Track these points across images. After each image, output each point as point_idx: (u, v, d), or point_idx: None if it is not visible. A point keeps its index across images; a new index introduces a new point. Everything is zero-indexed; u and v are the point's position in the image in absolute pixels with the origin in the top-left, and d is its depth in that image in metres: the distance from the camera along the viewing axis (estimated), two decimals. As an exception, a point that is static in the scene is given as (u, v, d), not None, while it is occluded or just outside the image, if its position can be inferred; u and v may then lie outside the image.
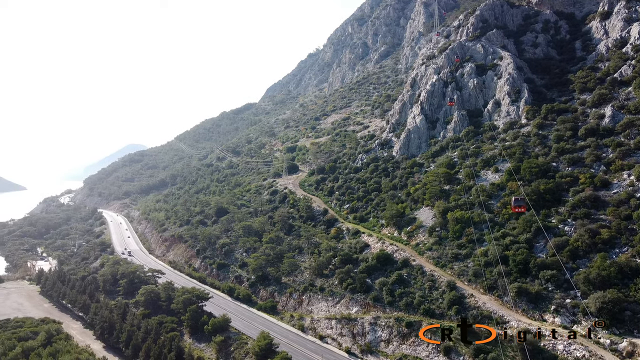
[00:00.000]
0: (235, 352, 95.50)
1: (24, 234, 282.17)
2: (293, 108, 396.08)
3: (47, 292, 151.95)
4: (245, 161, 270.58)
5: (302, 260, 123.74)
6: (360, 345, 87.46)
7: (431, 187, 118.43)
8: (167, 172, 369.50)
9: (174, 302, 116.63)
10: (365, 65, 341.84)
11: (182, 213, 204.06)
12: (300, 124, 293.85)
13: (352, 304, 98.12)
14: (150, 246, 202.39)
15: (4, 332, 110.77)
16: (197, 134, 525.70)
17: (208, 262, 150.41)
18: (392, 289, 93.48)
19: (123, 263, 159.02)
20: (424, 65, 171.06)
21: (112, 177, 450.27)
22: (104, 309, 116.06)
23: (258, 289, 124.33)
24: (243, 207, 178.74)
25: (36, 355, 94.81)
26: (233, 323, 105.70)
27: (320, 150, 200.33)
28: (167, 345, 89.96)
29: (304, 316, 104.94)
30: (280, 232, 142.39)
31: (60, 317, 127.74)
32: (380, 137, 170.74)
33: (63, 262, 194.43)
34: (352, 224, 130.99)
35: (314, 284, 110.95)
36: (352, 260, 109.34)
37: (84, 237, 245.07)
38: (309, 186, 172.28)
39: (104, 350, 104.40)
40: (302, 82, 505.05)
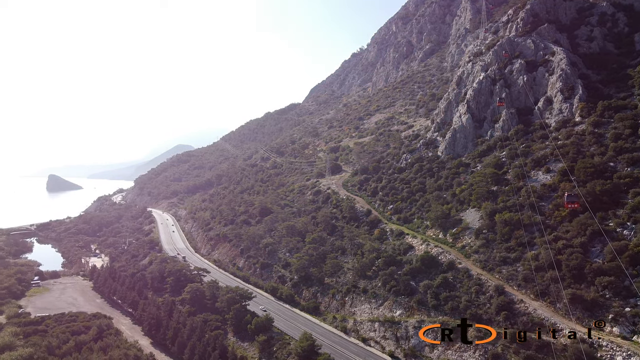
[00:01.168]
0: (277, 352, 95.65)
1: (79, 231, 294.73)
2: (337, 108, 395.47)
3: (99, 288, 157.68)
4: (288, 161, 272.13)
5: (345, 261, 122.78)
6: (404, 349, 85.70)
7: (478, 187, 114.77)
8: (213, 172, 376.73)
9: (218, 300, 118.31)
10: (410, 64, 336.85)
11: (226, 212, 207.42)
12: (343, 124, 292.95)
13: (395, 307, 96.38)
14: (196, 245, 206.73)
15: (59, 326, 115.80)
16: (242, 135, 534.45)
17: (252, 261, 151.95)
18: (437, 292, 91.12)
19: (170, 261, 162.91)
20: (470, 62, 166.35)
21: (161, 177, 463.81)
22: (152, 306, 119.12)
23: (301, 289, 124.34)
24: (286, 207, 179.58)
25: (88, 349, 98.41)
26: (276, 323, 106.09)
27: (363, 150, 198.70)
28: (211, 343, 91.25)
29: (346, 318, 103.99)
30: (323, 233, 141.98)
31: (110, 313, 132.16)
32: (424, 136, 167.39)
33: (114, 259, 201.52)
34: (395, 225, 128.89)
35: (357, 285, 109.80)
36: (395, 262, 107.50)
37: (134, 235, 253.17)
38: (352, 186, 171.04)
39: (151, 346, 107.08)
40: (345, 82, 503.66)
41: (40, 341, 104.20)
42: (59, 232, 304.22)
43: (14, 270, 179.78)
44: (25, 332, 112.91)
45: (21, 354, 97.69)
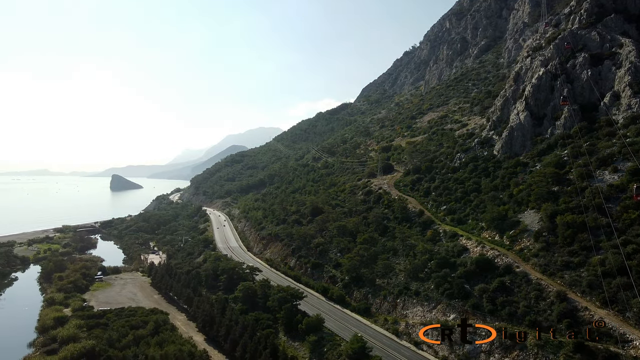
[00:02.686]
0: (328, 352, 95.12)
1: (138, 229, 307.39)
2: (388, 107, 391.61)
3: (156, 284, 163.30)
4: (340, 161, 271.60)
5: (397, 262, 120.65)
6: (458, 355, 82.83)
7: (537, 188, 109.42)
8: (266, 172, 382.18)
9: (269, 299, 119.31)
10: (464, 61, 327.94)
11: (278, 212, 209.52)
12: (395, 123, 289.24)
13: (449, 310, 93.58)
14: (248, 244, 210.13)
15: (119, 320, 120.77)
16: (294, 135, 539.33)
17: (303, 261, 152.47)
18: (493, 297, 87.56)
19: (223, 259, 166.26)
20: (529, 57, 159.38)
21: (215, 177, 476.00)
22: (206, 303, 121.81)
23: (352, 290, 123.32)
24: (337, 207, 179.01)
25: (145, 344, 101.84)
26: (326, 323, 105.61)
27: (416, 150, 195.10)
28: (262, 341, 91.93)
29: (398, 320, 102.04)
30: (374, 233, 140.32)
31: (167, 308, 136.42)
32: (479, 135, 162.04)
33: (171, 256, 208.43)
34: (449, 226, 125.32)
35: (409, 287, 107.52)
36: (449, 264, 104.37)
37: (190, 233, 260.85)
38: (404, 186, 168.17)
39: (205, 343, 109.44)
40: (397, 80, 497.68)
41: (102, 334, 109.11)
42: (120, 230, 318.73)
43: (80, 265, 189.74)
44: (88, 324, 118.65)
45: (84, 345, 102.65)
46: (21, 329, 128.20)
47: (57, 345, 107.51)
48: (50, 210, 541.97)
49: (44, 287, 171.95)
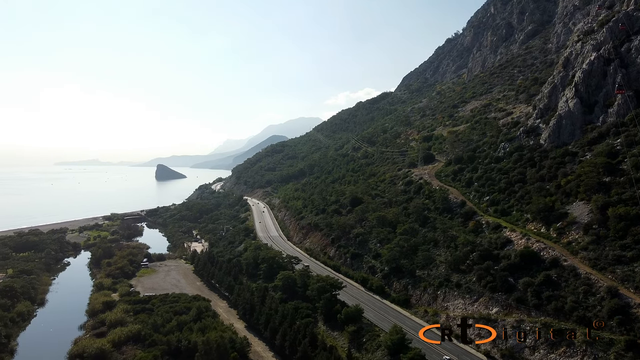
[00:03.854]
0: (367, 343, 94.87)
1: (182, 217, 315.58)
2: (430, 96, 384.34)
3: (199, 272, 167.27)
4: (380, 151, 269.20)
5: (437, 253, 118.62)
6: (500, 349, 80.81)
7: (587, 178, 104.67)
8: (305, 162, 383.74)
9: (309, 289, 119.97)
10: (509, 48, 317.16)
11: (318, 202, 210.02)
12: (437, 112, 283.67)
13: (491, 304, 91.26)
14: (288, 233, 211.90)
15: (163, 306, 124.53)
16: (334, 125, 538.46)
17: (342, 251, 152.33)
18: (539, 291, 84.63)
19: (264, 248, 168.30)
20: (579, 42, 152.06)
21: (256, 167, 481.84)
22: (246, 291, 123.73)
23: (391, 281, 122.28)
24: (377, 197, 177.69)
25: (188, 329, 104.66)
26: (365, 314, 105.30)
27: (458, 139, 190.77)
28: (302, 330, 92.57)
29: (438, 312, 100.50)
30: (414, 224, 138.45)
31: (209, 296, 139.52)
32: (525, 123, 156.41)
33: (213, 244, 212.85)
34: (492, 217, 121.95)
35: (450, 279, 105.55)
36: (492, 257, 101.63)
37: (231, 222, 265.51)
38: (446, 177, 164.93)
39: (245, 330, 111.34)
40: (439, 69, 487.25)
41: (147, 319, 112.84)
42: (165, 218, 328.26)
43: (127, 252, 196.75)
44: (134, 309, 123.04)
45: (131, 329, 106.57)
46: (73, 312, 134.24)
47: (106, 329, 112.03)
48: (99, 198, 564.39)
49: (94, 273, 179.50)
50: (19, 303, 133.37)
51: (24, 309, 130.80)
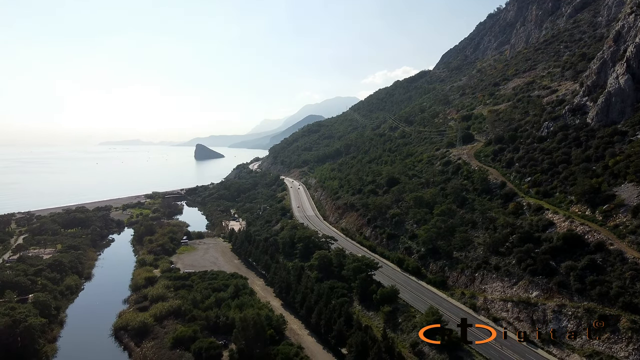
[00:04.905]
0: (402, 324, 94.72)
1: (220, 196, 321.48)
2: (469, 74, 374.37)
3: (236, 250, 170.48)
4: (417, 130, 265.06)
5: (476, 235, 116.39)
6: (540, 333, 79.03)
7: (637, 159, 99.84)
8: (342, 142, 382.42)
9: (344, 268, 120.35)
10: (555, 22, 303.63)
11: (354, 182, 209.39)
12: (477, 91, 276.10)
13: (531, 287, 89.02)
14: (324, 213, 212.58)
15: (202, 282, 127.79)
16: (371, 104, 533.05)
17: (378, 231, 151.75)
18: (582, 275, 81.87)
19: (300, 228, 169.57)
20: (632, 14, 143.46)
21: (293, 147, 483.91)
22: (282, 270, 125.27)
23: (428, 262, 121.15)
24: (414, 178, 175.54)
25: (226, 306, 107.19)
26: (401, 295, 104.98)
27: (498, 118, 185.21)
28: (337, 310, 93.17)
29: (476, 295, 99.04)
30: (452, 205, 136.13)
31: (246, 273, 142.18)
32: (571, 102, 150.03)
33: (250, 223, 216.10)
34: (533, 199, 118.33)
35: (488, 261, 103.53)
36: (532, 239, 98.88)
37: (268, 201, 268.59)
38: (485, 157, 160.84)
39: (281, 308, 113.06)
40: (480, 45, 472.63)
41: (187, 295, 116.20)
42: (203, 197, 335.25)
43: (167, 229, 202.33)
44: (175, 285, 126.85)
45: (172, 305, 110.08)
46: (117, 286, 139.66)
47: (148, 303, 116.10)
48: (141, 177, 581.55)
49: (136, 249, 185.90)
50: (67, 277, 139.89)
51: (72, 283, 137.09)
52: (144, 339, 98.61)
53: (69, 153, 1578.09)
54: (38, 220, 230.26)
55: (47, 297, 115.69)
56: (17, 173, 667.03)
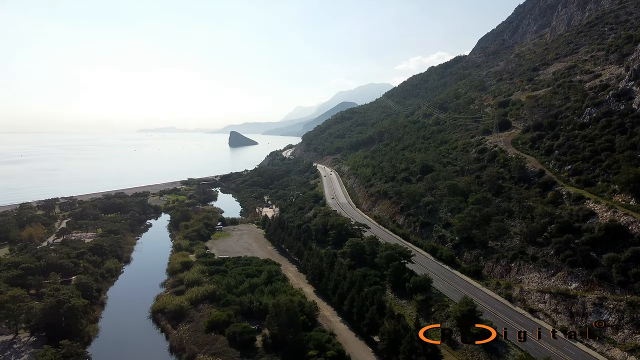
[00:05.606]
0: (435, 313, 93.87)
1: (254, 183, 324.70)
2: (507, 59, 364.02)
3: (270, 236, 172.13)
4: (452, 117, 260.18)
5: (512, 224, 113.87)
6: (579, 327, 76.94)
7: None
8: (375, 129, 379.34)
9: (377, 256, 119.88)
10: (600, 3, 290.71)
11: (387, 169, 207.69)
12: (514, 76, 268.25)
13: (570, 279, 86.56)
14: (357, 200, 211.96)
15: (236, 268, 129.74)
16: (405, 91, 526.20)
17: (411, 219, 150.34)
18: (625, 267, 79.02)
19: (332, 215, 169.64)
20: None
21: (325, 134, 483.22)
22: (315, 257, 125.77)
23: (462, 251, 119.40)
24: (449, 166, 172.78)
25: (259, 292, 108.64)
26: (434, 284, 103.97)
27: (537, 104, 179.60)
28: (369, 297, 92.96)
29: (511, 285, 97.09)
30: (487, 193, 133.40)
31: (279, 260, 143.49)
32: (615, 86, 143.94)
33: (283, 210, 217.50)
34: (574, 188, 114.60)
35: (525, 251, 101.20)
36: (572, 229, 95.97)
37: (301, 188, 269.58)
38: (523, 144, 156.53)
39: (314, 295, 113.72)
40: (518, 29, 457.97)
41: (221, 280, 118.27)
42: (237, 183, 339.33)
43: (202, 215, 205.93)
44: (209, 270, 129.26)
45: (206, 289, 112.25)
46: (155, 270, 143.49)
47: (184, 287, 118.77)
48: (177, 164, 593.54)
49: (173, 234, 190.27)
50: (107, 260, 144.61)
51: (112, 266, 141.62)
52: (180, 322, 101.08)
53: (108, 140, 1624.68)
54: (80, 205, 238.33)
55: (88, 279, 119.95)
56: (59, 159, 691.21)
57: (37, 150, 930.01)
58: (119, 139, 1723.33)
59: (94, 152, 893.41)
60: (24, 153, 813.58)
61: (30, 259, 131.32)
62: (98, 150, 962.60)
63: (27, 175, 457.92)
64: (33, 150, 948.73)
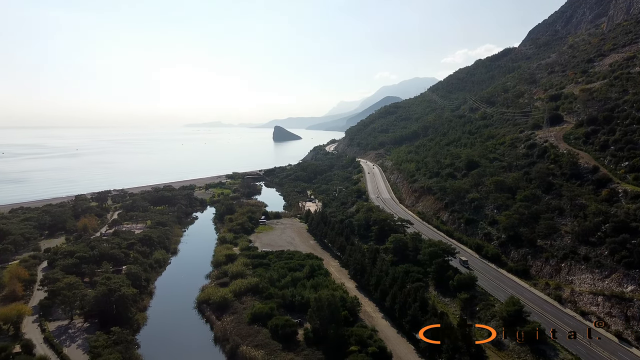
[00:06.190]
0: (480, 312, 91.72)
1: (297, 177, 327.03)
2: (559, 50, 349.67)
3: (312, 231, 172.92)
4: (500, 112, 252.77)
5: (563, 223, 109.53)
6: (635, 331, 73.33)
7: None
8: (419, 124, 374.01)
9: (420, 253, 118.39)
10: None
11: (431, 165, 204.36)
12: (567, 68, 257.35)
13: (626, 281, 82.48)
14: (400, 196, 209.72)
15: (279, 261, 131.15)
16: (450, 85, 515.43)
17: (456, 216, 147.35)
18: (687, 271, 74.61)
19: (375, 210, 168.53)
20: None
21: (369, 129, 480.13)
22: (357, 252, 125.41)
23: (508, 250, 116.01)
24: (495, 161, 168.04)
25: (301, 286, 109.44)
26: (479, 282, 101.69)
27: (592, 98, 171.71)
28: (412, 294, 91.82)
29: (561, 286, 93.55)
30: (536, 190, 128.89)
31: (321, 254, 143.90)
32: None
33: (326, 204, 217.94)
34: (631, 185, 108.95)
35: (577, 251, 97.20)
36: (629, 229, 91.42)
37: (344, 183, 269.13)
38: (576, 139, 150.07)
39: (356, 290, 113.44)
40: (572, 19, 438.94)
41: (264, 273, 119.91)
42: (281, 178, 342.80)
43: (246, 209, 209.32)
44: (253, 263, 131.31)
45: (250, 282, 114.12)
46: (200, 262, 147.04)
47: (228, 279, 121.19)
48: (222, 158, 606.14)
49: (218, 227, 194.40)
50: (156, 251, 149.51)
51: (160, 257, 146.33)
52: (224, 313, 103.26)
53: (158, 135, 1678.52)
54: (130, 197, 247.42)
55: (138, 269, 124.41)
56: (112, 153, 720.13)
57: (92, 145, 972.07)
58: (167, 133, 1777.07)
59: (144, 146, 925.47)
60: (79, 147, 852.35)
61: (84, 248, 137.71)
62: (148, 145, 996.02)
63: (82, 168, 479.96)
64: (88, 144, 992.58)
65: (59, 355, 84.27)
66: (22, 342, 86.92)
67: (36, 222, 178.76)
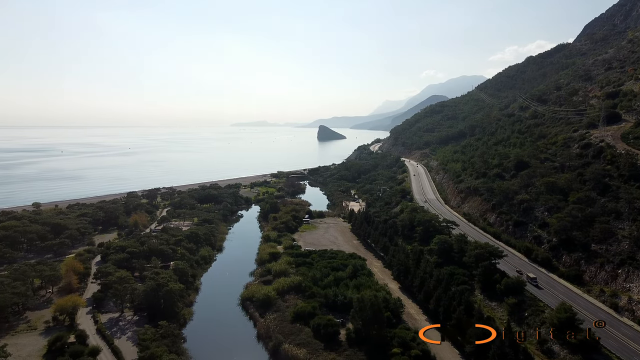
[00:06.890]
0: (529, 318, 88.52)
1: (341, 177, 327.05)
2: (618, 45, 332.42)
3: (355, 230, 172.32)
4: (552, 110, 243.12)
5: (620, 227, 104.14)
6: (698, 344, 68.69)
7: None
8: (466, 123, 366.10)
9: (466, 255, 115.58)
10: None
11: (478, 165, 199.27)
12: (626, 64, 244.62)
13: (689, 290, 77.49)
14: (446, 196, 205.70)
15: (322, 261, 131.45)
16: (499, 83, 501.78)
17: (504, 217, 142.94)
18: None
19: (420, 211, 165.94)
20: None
21: (414, 128, 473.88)
22: (401, 253, 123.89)
23: (560, 254, 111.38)
24: (546, 162, 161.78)
25: (344, 285, 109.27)
26: (528, 287, 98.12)
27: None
28: (457, 297, 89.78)
29: (618, 293, 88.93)
30: (591, 192, 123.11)
31: (364, 254, 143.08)
32: None
33: (369, 204, 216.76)
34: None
35: (635, 257, 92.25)
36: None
37: (388, 183, 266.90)
38: (635, 139, 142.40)
39: (399, 291, 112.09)
40: (632, 12, 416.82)
41: (307, 272, 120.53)
42: (325, 177, 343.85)
43: (290, 208, 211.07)
44: (296, 262, 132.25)
45: (293, 280, 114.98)
46: (245, 259, 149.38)
47: (271, 277, 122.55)
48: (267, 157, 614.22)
49: (262, 225, 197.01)
50: (202, 248, 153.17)
51: (206, 254, 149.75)
52: (267, 311, 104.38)
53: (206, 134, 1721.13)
54: (178, 195, 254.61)
55: (185, 265, 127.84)
56: (162, 152, 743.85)
57: (144, 144, 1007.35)
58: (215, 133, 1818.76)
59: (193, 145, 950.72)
60: (132, 146, 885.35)
61: (135, 244, 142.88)
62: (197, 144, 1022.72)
63: (134, 165, 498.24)
64: (141, 143, 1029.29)
65: (110, 346, 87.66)
66: (77, 333, 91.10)
67: (91, 217, 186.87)
